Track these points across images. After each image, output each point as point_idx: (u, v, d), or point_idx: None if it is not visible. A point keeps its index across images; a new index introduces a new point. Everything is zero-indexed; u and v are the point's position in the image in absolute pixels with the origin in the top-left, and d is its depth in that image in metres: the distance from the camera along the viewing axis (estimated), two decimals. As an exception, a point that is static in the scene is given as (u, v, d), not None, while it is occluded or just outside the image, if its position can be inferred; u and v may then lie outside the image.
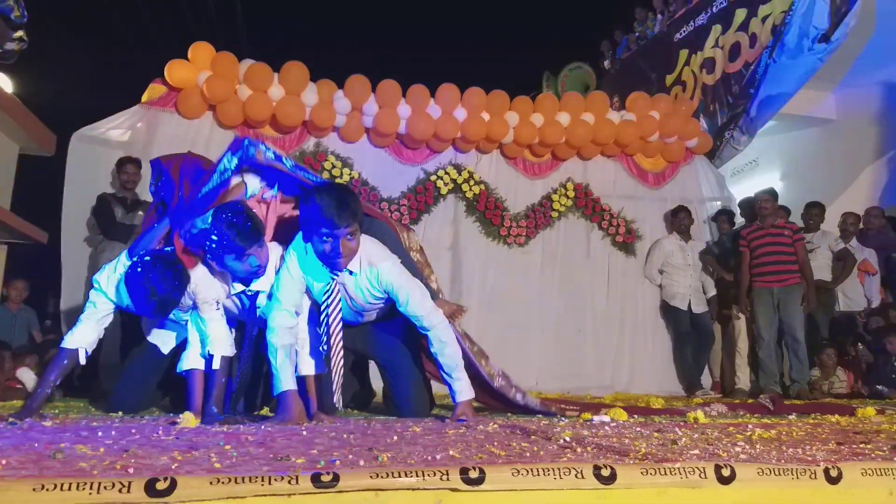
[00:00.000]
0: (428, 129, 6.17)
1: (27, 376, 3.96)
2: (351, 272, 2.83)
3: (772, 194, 5.95)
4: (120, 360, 3.53)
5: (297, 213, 3.02)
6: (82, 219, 5.58)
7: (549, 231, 6.62)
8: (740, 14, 7.67)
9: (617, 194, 6.80)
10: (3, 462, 1.38)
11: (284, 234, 3.02)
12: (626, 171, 6.88)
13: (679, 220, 6.54)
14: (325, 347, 2.81)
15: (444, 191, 6.39)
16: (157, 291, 2.56)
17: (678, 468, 1.44)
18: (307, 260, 2.81)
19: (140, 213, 5.30)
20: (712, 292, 6.46)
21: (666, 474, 1.42)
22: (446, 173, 6.40)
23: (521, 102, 6.49)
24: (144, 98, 5.90)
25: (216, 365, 2.77)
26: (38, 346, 5.26)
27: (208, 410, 2.69)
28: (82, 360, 2.77)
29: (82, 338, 2.76)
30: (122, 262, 2.81)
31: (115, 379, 3.42)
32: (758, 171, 8.51)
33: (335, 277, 2.80)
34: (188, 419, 2.42)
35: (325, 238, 2.64)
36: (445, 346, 2.87)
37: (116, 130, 5.78)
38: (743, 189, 7.35)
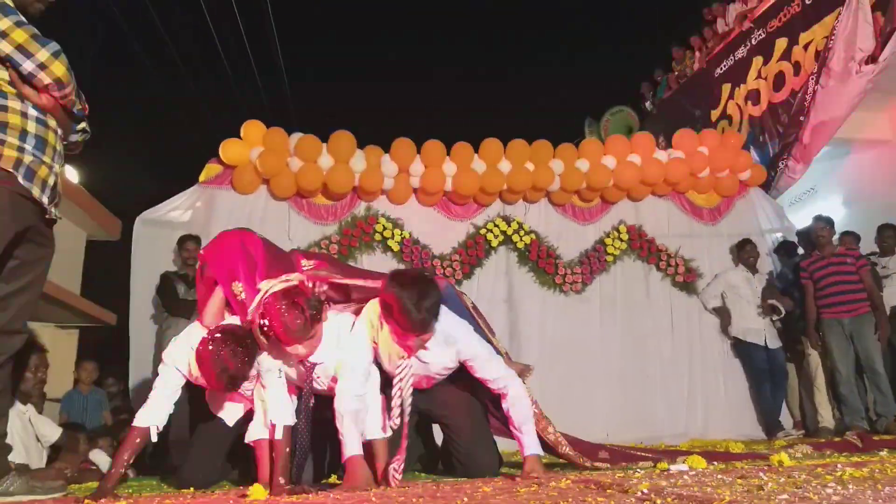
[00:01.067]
0: (474, 184, 6.23)
1: (101, 458, 4.03)
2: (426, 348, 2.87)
3: (828, 222, 5.77)
4: (189, 435, 3.57)
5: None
6: (149, 299, 5.76)
7: (606, 276, 6.52)
8: (781, 43, 7.60)
9: (672, 233, 6.66)
10: (81, 544, 1.39)
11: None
12: (680, 208, 6.76)
13: (746, 252, 6.34)
14: (398, 422, 2.81)
15: (494, 243, 6.39)
16: (227, 368, 2.60)
17: (767, 516, 1.36)
18: (383, 334, 2.86)
19: None
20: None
21: (755, 523, 1.34)
22: (496, 226, 6.42)
23: (566, 149, 6.49)
24: (202, 178, 6.14)
25: (278, 435, 2.77)
26: (110, 427, 5.37)
27: (276, 481, 2.68)
28: (154, 438, 2.80)
29: (153, 415, 2.80)
30: (192, 335, 2.86)
31: (185, 455, 3.45)
32: (817, 198, 8.25)
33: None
34: (257, 491, 2.41)
35: (400, 333, 2.71)
36: (518, 401, 2.90)
37: (177, 211, 6.01)
38: (803, 218, 7.12)
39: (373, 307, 2.91)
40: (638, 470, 2.84)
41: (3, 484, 2.54)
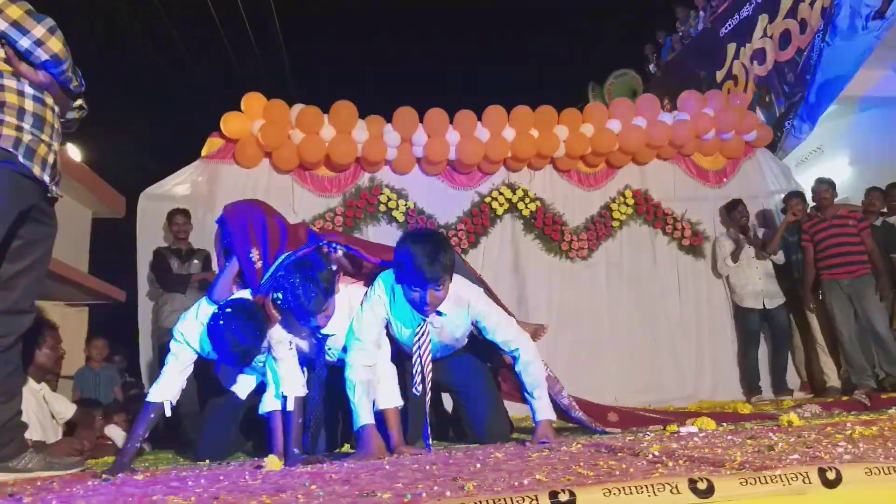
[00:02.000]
0: (478, 152, 6.19)
1: (116, 433, 4.08)
2: (440, 313, 2.86)
3: (830, 184, 5.73)
4: (199, 408, 3.61)
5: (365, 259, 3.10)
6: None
7: (612, 241, 6.51)
8: (787, 1, 7.46)
9: (678, 197, 6.64)
10: (101, 518, 1.41)
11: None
12: (685, 172, 6.72)
13: (738, 213, 6.30)
14: (420, 389, 2.83)
15: (499, 211, 6.37)
16: (239, 343, 2.61)
17: (779, 475, 1.36)
18: (398, 299, 2.86)
19: (195, 261, 5.45)
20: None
21: (767, 483, 1.35)
22: (500, 194, 6.40)
23: (570, 115, 6.44)
24: (204, 152, 6.12)
25: (290, 406, 2.80)
26: (125, 402, 5.44)
27: (290, 452, 2.72)
28: (168, 413, 2.82)
29: (167, 390, 2.82)
30: (202, 310, 2.87)
31: (198, 428, 3.49)
32: (823, 158, 8.18)
33: (426, 319, 2.84)
34: (272, 462, 2.44)
35: (413, 287, 2.68)
36: (530, 365, 2.89)
37: (180, 186, 6.00)
38: (809, 178, 7.06)
39: (384, 277, 2.91)
40: (648, 433, 2.86)
41: (21, 461, 2.57)
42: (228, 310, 2.67)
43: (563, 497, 1.27)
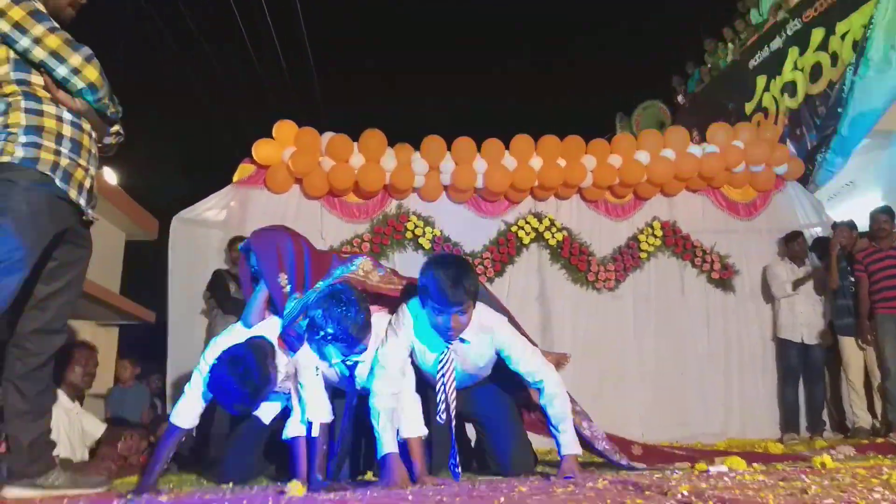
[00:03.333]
0: (504, 181, 6.20)
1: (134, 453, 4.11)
2: (464, 340, 2.86)
3: (889, 214, 5.57)
4: (229, 430, 3.62)
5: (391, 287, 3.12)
6: (186, 296, 5.84)
7: (640, 273, 6.44)
8: (817, 34, 7.44)
9: (707, 229, 6.55)
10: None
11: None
12: (715, 204, 6.65)
13: (798, 244, 6.18)
14: (444, 416, 2.82)
15: (526, 240, 6.36)
16: (228, 393, 2.61)
17: (813, 520, 1.33)
18: (422, 326, 2.87)
19: None
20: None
21: (801, 527, 1.31)
22: (527, 223, 6.38)
23: (598, 145, 6.43)
24: (235, 178, 6.22)
25: (315, 432, 2.79)
26: (148, 423, 5.47)
27: (313, 478, 2.71)
28: (190, 430, 2.84)
29: (187, 415, 2.84)
30: (232, 336, 2.89)
31: (224, 450, 3.50)
32: (856, 192, 8.06)
33: (449, 346, 2.83)
34: (295, 487, 2.44)
35: (437, 311, 2.69)
36: (555, 398, 2.86)
37: (212, 211, 6.10)
38: (841, 213, 6.96)
39: (409, 305, 2.92)
40: (676, 471, 2.80)
41: (48, 478, 2.60)
42: (227, 357, 2.65)
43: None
